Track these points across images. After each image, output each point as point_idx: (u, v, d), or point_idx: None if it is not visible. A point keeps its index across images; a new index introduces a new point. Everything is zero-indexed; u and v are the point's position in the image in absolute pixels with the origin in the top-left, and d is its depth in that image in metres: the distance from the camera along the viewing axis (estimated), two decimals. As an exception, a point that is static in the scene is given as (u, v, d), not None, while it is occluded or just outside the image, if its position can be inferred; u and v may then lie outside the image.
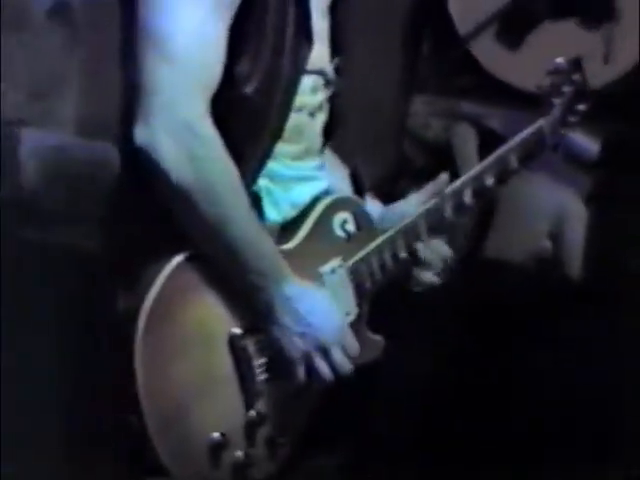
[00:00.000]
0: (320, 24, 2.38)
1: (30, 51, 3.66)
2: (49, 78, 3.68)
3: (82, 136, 3.63)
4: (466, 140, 3.63)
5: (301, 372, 2.28)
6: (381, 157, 3.57)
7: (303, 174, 2.41)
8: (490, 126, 3.58)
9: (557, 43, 3.49)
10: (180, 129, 2.18)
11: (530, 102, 3.15)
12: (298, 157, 2.40)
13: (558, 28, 3.55)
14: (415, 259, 2.40)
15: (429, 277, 2.43)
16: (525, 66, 3.51)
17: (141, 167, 2.21)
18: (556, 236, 3.56)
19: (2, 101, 3.59)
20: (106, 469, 2.45)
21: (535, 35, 3.56)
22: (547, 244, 3.56)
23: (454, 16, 3.61)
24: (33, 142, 3.64)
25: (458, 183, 2.42)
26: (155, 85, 2.20)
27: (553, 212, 3.55)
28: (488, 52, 3.58)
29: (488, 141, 3.52)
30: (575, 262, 3.51)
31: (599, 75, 2.51)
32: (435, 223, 2.40)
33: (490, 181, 2.41)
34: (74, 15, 3.68)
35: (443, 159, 3.59)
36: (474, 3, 3.59)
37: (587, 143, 3.26)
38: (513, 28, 3.56)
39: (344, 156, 2.60)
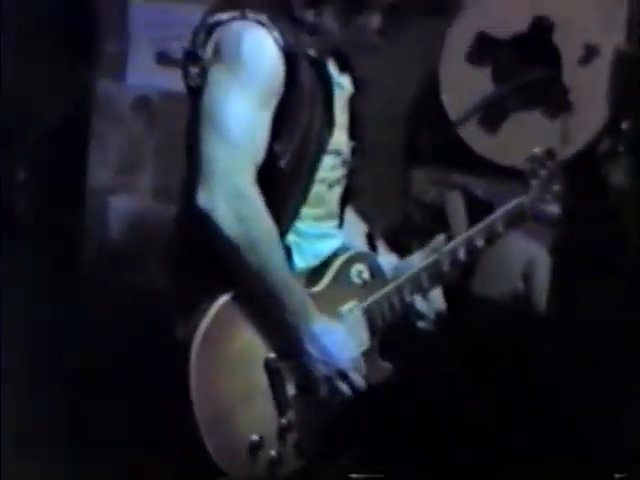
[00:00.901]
0: (340, 115, 2.35)
1: (118, 135, 3.67)
2: (132, 156, 3.68)
3: (157, 202, 3.62)
4: (456, 204, 3.60)
5: (324, 390, 2.23)
6: (389, 215, 3.54)
7: (324, 232, 2.37)
8: (475, 193, 3.55)
9: (526, 129, 3.48)
10: (233, 195, 2.16)
11: (506, 174, 3.14)
12: (319, 219, 2.36)
13: (526, 117, 3.52)
14: (412, 310, 2.35)
15: (424, 325, 2.38)
16: (502, 146, 3.49)
17: (200, 224, 2.18)
18: (527, 278, 3.52)
19: (96, 174, 3.61)
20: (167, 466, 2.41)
21: (509, 122, 3.54)
22: (520, 284, 3.52)
23: (446, 106, 3.59)
24: (119, 206, 3.65)
25: (454, 243, 2.35)
26: (214, 160, 2.18)
27: (525, 259, 3.52)
28: (473, 135, 3.56)
29: (473, 205, 3.50)
30: (542, 298, 3.47)
31: (558, 153, 2.47)
32: (434, 275, 2.34)
33: (480, 242, 2.36)
34: (152, 106, 3.68)
35: (438, 218, 3.56)
36: (462, 96, 3.57)
37: (551, 205, 3.23)
38: (492, 116, 3.54)
39: (362, 215, 2.54)
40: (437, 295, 2.40)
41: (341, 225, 2.43)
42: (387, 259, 2.46)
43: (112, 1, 3.70)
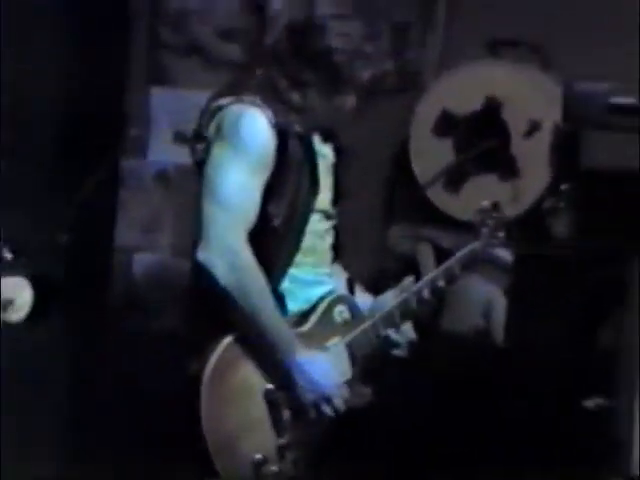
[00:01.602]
0: (324, 179, 2.34)
1: (141, 201, 3.68)
2: (153, 219, 3.68)
3: (175, 257, 3.62)
4: (426, 254, 3.58)
5: (312, 413, 2.22)
6: (368, 264, 3.51)
7: (316, 279, 2.35)
8: (442, 244, 3.54)
9: (482, 190, 3.48)
10: (227, 252, 2.16)
11: (466, 228, 3.12)
12: (315, 265, 2.34)
13: (482, 180, 3.53)
14: (388, 341, 2.33)
15: (398, 353, 2.36)
16: (462, 205, 3.49)
17: (203, 276, 2.18)
18: (487, 316, 3.50)
19: (122, 234, 3.61)
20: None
21: (468, 184, 3.55)
22: (480, 321, 3.51)
23: (416, 171, 3.60)
24: (142, 261, 3.65)
25: (420, 284, 2.35)
26: (212, 222, 2.18)
27: (484, 299, 3.52)
28: (439, 195, 3.57)
29: (441, 254, 3.48)
30: (499, 332, 3.45)
31: (509, 210, 2.49)
32: (405, 311, 2.33)
33: (442, 283, 2.35)
34: (170, 178, 3.70)
35: (409, 266, 3.54)
36: (428, 163, 3.58)
37: (505, 254, 3.24)
38: (454, 180, 3.56)
39: (344, 264, 2.50)
40: (408, 327, 2.37)
41: (332, 272, 2.40)
42: (363, 299, 2.44)
43: (135, 93, 3.72)
